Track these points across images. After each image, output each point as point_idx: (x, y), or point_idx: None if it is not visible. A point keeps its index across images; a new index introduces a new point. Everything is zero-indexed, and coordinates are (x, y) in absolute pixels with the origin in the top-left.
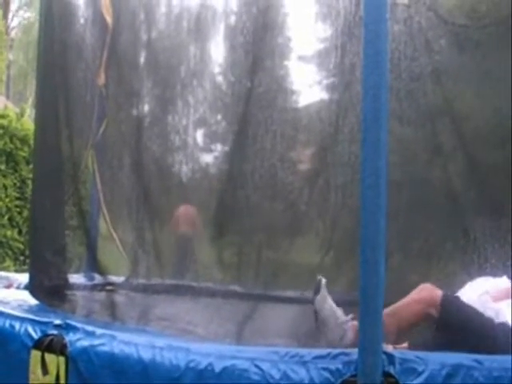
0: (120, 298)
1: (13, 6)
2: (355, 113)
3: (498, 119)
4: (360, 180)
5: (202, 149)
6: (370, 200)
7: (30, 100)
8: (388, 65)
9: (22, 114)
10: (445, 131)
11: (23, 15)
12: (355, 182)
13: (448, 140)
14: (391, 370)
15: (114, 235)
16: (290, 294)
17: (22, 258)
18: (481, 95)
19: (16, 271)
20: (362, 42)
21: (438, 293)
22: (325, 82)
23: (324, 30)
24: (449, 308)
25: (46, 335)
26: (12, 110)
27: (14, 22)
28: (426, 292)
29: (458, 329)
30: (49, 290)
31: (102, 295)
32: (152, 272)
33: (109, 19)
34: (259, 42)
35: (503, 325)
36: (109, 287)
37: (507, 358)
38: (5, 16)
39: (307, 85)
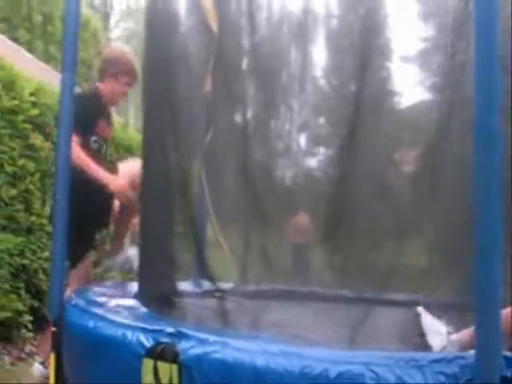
0: (230, 304)
1: (113, 18)
2: (464, 112)
3: None
4: (471, 181)
5: (310, 153)
6: (484, 202)
7: (132, 110)
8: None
9: (126, 124)
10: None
11: (123, 26)
12: (463, 182)
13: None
14: (509, 375)
15: (223, 242)
16: (399, 297)
17: None
18: None
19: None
20: (471, 40)
21: None
22: (432, 81)
23: (427, 30)
24: None
25: (158, 343)
26: (116, 119)
27: (114, 34)
28: None
29: None
30: (159, 297)
31: (211, 302)
32: (263, 278)
33: (214, 26)
34: (366, 44)
35: None
36: (218, 294)
37: None
38: (106, 28)
39: (412, 85)
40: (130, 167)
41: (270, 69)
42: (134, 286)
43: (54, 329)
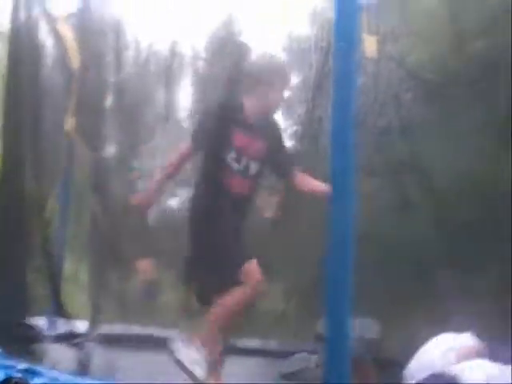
0: (84, 346)
1: None
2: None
3: (464, 174)
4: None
5: (172, 194)
6: (337, 248)
7: None
8: (355, 118)
9: None
10: (412, 185)
11: None
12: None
13: (415, 194)
14: None
15: (80, 279)
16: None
17: None
18: (449, 150)
19: None
20: (329, 95)
21: None
22: (293, 130)
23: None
24: None
25: (10, 378)
26: None
27: None
28: None
29: None
30: (10, 334)
31: (66, 342)
32: (117, 320)
33: (75, 63)
34: (225, 91)
35: None
36: (72, 333)
37: None
38: None
39: None
40: None
41: (135, 107)
42: None
43: None
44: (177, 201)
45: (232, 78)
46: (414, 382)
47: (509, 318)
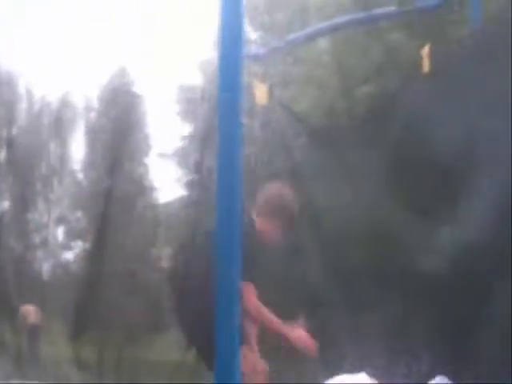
0: None
1: None
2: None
3: (355, 215)
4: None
5: (62, 246)
6: (224, 300)
7: None
8: (242, 166)
9: None
10: (304, 230)
11: None
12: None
13: (307, 240)
14: None
15: None
16: None
17: None
18: (339, 192)
19: None
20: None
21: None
22: (188, 179)
23: (184, 130)
24: None
25: None
26: None
27: None
28: None
29: None
30: None
31: None
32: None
33: None
34: (121, 140)
35: None
36: None
37: None
38: None
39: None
40: None
41: (28, 160)
42: None
43: None
44: (72, 253)
45: None
46: None
47: (397, 355)
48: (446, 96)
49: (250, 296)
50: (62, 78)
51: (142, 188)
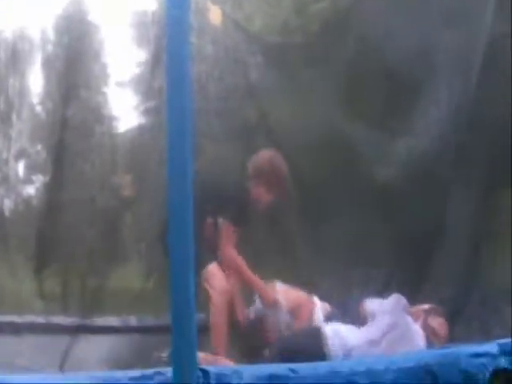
0: None
1: None
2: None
3: (312, 130)
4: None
5: (23, 181)
6: (177, 220)
7: None
8: (193, 86)
9: None
10: (261, 145)
11: None
12: None
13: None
14: None
15: None
16: (111, 322)
17: None
18: (294, 109)
19: None
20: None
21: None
22: (145, 106)
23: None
24: None
25: None
26: None
27: None
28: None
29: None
30: None
31: None
32: None
33: None
34: (77, 69)
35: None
36: None
37: (321, 364)
38: None
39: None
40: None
41: None
42: None
43: None
44: (33, 188)
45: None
46: None
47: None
48: (400, 7)
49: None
50: (16, 11)
51: (100, 116)
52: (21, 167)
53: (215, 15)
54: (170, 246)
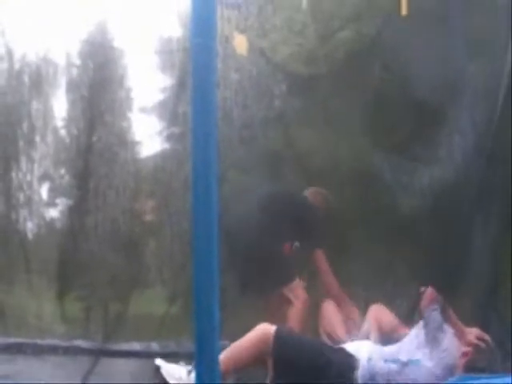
0: None
1: None
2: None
3: (337, 161)
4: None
5: (46, 204)
6: (202, 248)
7: None
8: (218, 113)
9: None
10: (289, 174)
11: None
12: None
13: (293, 182)
14: None
15: None
16: (133, 346)
17: None
18: (320, 138)
19: None
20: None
21: (271, 328)
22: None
23: (164, 82)
24: (282, 340)
25: None
26: None
27: None
28: (259, 330)
29: (293, 360)
30: None
31: None
32: None
33: None
34: (98, 96)
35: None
36: None
37: None
38: None
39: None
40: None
41: (10, 120)
42: None
43: None
44: (56, 211)
45: None
46: None
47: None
48: (424, 37)
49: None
50: (41, 36)
51: (123, 142)
52: (44, 190)
53: (241, 44)
54: (194, 273)
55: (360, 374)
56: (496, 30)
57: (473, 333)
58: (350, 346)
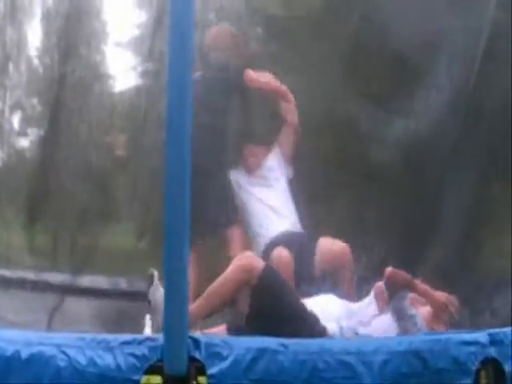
0: None
1: None
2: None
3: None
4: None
5: (18, 133)
6: (173, 186)
7: None
8: (194, 53)
9: None
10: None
11: None
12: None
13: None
14: (197, 355)
15: None
16: (101, 283)
17: None
18: (295, 82)
19: None
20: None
21: (260, 263)
22: (143, 67)
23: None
24: (268, 279)
25: None
26: None
27: None
28: (246, 260)
29: (271, 302)
30: None
31: None
32: None
33: None
34: (76, 27)
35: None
36: None
37: (312, 342)
38: None
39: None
40: None
41: None
42: None
43: None
44: (27, 141)
45: None
46: None
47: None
48: None
49: None
50: None
51: (97, 75)
52: (16, 119)
53: None
54: (165, 209)
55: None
56: None
57: (442, 298)
58: (318, 305)
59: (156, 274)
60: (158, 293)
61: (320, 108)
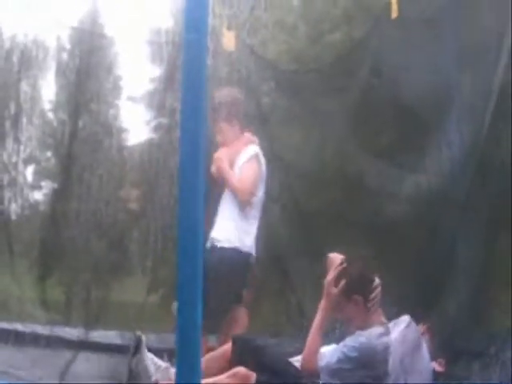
0: None
1: None
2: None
3: (322, 161)
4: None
5: (31, 186)
6: (186, 242)
7: None
8: (206, 107)
9: None
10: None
11: None
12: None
13: (275, 185)
14: None
15: None
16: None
17: None
18: (306, 137)
19: None
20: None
21: (253, 376)
22: (157, 121)
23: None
24: None
25: None
26: None
27: None
28: (242, 374)
29: None
30: None
31: None
32: None
33: None
34: (86, 82)
35: None
36: None
37: None
38: None
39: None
40: None
41: None
42: None
43: None
44: (41, 194)
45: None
46: None
47: None
48: (414, 42)
49: None
50: (32, 19)
51: (109, 129)
52: (29, 172)
53: (229, 40)
54: (178, 263)
55: None
56: (486, 42)
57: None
58: None
59: (143, 339)
60: (143, 362)
61: (326, 161)
